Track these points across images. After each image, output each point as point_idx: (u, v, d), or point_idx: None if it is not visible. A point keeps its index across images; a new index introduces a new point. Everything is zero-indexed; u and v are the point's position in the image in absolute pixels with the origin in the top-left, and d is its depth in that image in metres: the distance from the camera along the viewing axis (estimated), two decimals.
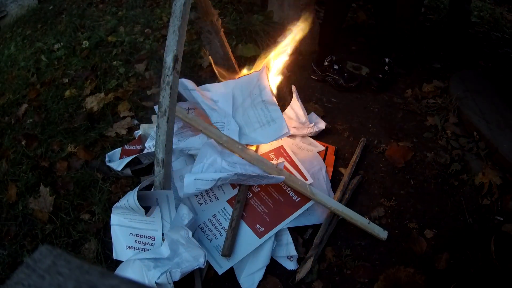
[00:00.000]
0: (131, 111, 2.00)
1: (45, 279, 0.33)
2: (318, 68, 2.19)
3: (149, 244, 1.31)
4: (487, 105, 1.93)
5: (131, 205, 1.23)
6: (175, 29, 1.24)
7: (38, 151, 1.81)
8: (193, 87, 1.54)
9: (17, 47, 2.98)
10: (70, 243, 1.42)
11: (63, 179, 1.66)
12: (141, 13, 2.99)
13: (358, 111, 2.02)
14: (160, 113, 1.27)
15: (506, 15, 3.52)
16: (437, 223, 1.48)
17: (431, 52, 2.61)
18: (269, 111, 1.58)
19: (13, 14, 3.74)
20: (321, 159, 1.64)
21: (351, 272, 1.31)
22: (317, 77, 2.21)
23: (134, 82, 2.24)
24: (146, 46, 2.54)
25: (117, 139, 1.84)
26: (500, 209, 1.53)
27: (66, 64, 2.51)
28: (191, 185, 1.28)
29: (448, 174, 1.68)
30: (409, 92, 2.16)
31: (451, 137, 1.85)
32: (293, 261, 1.32)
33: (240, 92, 1.67)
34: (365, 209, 1.52)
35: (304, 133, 1.75)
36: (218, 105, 1.59)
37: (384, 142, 1.81)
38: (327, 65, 2.13)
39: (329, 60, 2.12)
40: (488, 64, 2.58)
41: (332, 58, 2.12)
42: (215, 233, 1.35)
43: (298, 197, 1.44)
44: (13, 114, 2.16)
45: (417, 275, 1.28)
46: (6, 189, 1.65)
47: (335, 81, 2.14)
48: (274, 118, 1.57)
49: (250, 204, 1.42)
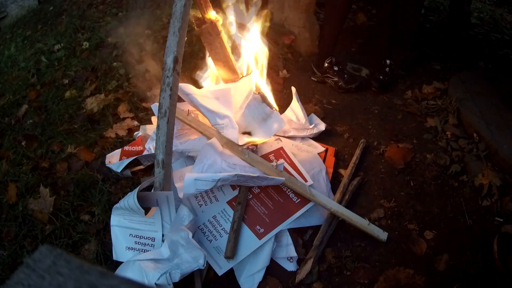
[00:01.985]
0: (131, 112, 2.00)
1: (45, 279, 0.33)
2: (318, 70, 2.18)
3: (149, 245, 1.31)
4: (487, 107, 1.93)
5: (131, 206, 1.23)
6: (175, 31, 1.25)
7: (38, 152, 1.81)
8: (192, 91, 1.54)
9: (17, 47, 2.98)
10: (70, 244, 1.42)
11: (63, 180, 1.66)
12: (141, 14, 2.99)
13: (358, 112, 2.02)
14: (160, 114, 1.27)
15: (506, 17, 3.52)
16: (437, 224, 1.48)
17: (431, 53, 2.62)
18: (262, 108, 1.61)
19: (13, 15, 3.74)
20: (321, 161, 1.64)
21: (351, 273, 1.31)
22: (317, 78, 2.21)
23: (134, 83, 2.25)
24: (147, 47, 2.54)
25: (117, 140, 1.84)
26: (500, 210, 1.53)
27: (66, 65, 2.52)
28: (191, 185, 1.28)
29: (448, 175, 1.68)
30: (409, 94, 2.17)
31: (451, 138, 1.85)
32: (293, 262, 1.32)
33: (239, 94, 1.68)
34: (365, 210, 1.52)
35: (304, 134, 1.75)
36: (217, 107, 1.60)
37: (384, 144, 1.81)
38: (327, 66, 2.13)
39: (329, 62, 2.12)
40: (488, 65, 2.58)
41: (332, 59, 2.12)
42: (215, 234, 1.35)
43: (298, 198, 1.44)
44: (13, 114, 2.16)
45: (417, 276, 1.28)
46: (6, 190, 1.65)
47: (335, 83, 2.14)
48: (268, 114, 1.60)
49: (250, 205, 1.42)
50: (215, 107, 1.54)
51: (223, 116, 1.58)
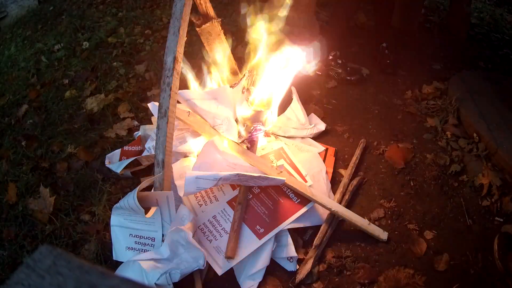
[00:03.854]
0: (131, 112, 2.00)
1: (45, 279, 0.33)
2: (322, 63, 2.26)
3: (149, 245, 1.31)
4: (487, 107, 1.93)
5: (131, 205, 1.23)
6: (175, 30, 1.25)
7: (38, 152, 1.81)
8: (192, 96, 1.55)
9: (17, 47, 2.98)
10: (70, 244, 1.42)
11: (63, 180, 1.66)
12: (141, 14, 2.99)
13: (358, 112, 2.02)
14: (160, 114, 1.27)
15: (506, 16, 3.52)
16: (437, 224, 1.48)
17: (431, 53, 2.61)
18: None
19: (13, 15, 3.74)
20: (321, 161, 1.64)
21: (351, 273, 1.31)
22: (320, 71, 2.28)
23: (134, 83, 2.25)
24: (146, 47, 2.54)
25: (117, 140, 1.84)
26: (500, 210, 1.53)
27: (66, 65, 2.52)
28: (192, 184, 1.28)
29: (448, 175, 1.68)
30: (409, 94, 2.17)
31: (451, 138, 1.85)
32: (293, 262, 1.32)
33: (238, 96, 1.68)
34: (365, 210, 1.52)
35: (304, 134, 1.75)
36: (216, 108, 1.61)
37: (384, 144, 1.81)
38: (331, 59, 2.23)
39: (333, 55, 2.22)
40: (488, 65, 2.57)
41: (337, 53, 2.22)
42: (215, 234, 1.35)
43: (298, 198, 1.44)
44: (13, 114, 2.16)
45: (417, 276, 1.28)
46: (6, 190, 1.65)
47: (338, 74, 2.22)
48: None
49: (250, 205, 1.42)
50: (214, 109, 1.55)
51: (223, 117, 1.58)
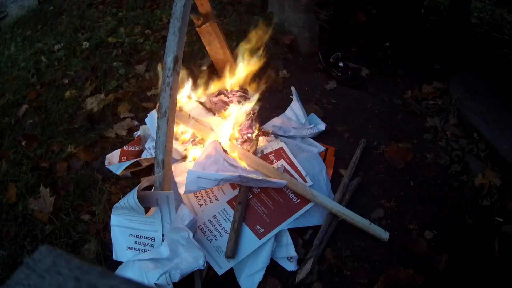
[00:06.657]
0: (131, 112, 2.00)
1: (45, 279, 0.33)
2: (324, 61, 2.24)
3: (149, 245, 1.30)
4: (487, 106, 1.93)
5: (131, 204, 1.23)
6: (175, 30, 1.25)
7: (38, 152, 1.81)
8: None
9: (17, 47, 2.98)
10: (70, 243, 1.42)
11: (63, 180, 1.66)
12: (141, 14, 2.99)
13: (358, 112, 2.02)
14: (160, 114, 1.27)
15: (506, 17, 3.52)
16: (437, 224, 1.48)
17: (431, 53, 2.61)
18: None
19: (13, 15, 3.74)
20: (321, 160, 1.64)
21: (351, 273, 1.31)
22: (322, 66, 2.27)
23: (134, 83, 2.24)
24: (146, 47, 2.54)
25: (117, 140, 1.84)
26: (500, 210, 1.53)
27: (66, 65, 2.51)
28: (193, 183, 1.28)
29: (448, 175, 1.68)
30: (409, 93, 2.17)
31: (451, 138, 1.85)
32: (293, 262, 1.32)
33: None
34: (365, 210, 1.52)
35: (304, 134, 1.75)
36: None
37: (384, 143, 1.81)
38: (333, 62, 2.19)
39: (335, 58, 2.19)
40: (488, 65, 2.58)
41: (339, 55, 2.18)
42: (215, 234, 1.35)
43: (298, 198, 1.44)
44: (13, 114, 2.16)
45: (417, 276, 1.28)
46: (6, 190, 1.65)
47: (339, 78, 2.20)
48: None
49: (250, 205, 1.42)
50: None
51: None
